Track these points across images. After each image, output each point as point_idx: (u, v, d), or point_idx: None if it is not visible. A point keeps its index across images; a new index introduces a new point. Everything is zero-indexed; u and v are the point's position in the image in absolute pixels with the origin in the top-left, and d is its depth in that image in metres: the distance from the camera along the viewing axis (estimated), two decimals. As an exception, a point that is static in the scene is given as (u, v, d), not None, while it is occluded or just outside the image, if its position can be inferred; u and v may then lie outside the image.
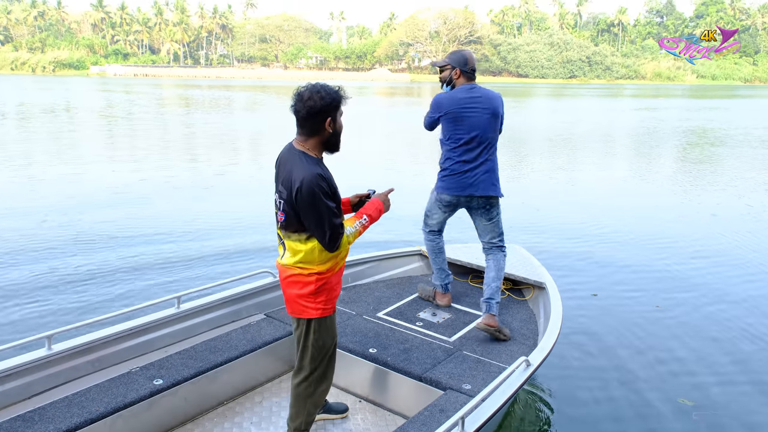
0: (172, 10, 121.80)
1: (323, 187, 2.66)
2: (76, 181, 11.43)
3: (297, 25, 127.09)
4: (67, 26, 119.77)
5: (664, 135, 22.59)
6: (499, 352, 3.74)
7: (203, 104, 35.99)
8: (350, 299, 4.49)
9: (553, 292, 4.28)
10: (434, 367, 3.50)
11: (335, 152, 2.86)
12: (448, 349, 3.76)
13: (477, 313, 4.36)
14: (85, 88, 54.77)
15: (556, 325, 3.76)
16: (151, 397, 3.09)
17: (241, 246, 7.31)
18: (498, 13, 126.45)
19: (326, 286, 2.83)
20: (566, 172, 13.85)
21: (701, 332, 5.21)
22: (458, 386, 3.29)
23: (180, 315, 3.67)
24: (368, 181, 11.83)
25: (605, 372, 4.50)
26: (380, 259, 5.01)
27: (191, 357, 3.44)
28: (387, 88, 67.25)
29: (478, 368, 3.51)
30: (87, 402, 2.94)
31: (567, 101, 46.70)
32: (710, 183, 12.72)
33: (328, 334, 2.93)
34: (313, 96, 2.68)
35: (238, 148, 17.74)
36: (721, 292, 6.20)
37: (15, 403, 2.97)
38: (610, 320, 5.42)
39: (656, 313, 5.59)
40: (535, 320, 4.31)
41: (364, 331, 3.96)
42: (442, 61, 4.13)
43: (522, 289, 4.78)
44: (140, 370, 3.25)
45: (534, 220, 8.98)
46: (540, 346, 3.52)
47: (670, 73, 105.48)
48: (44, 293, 5.71)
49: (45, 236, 7.58)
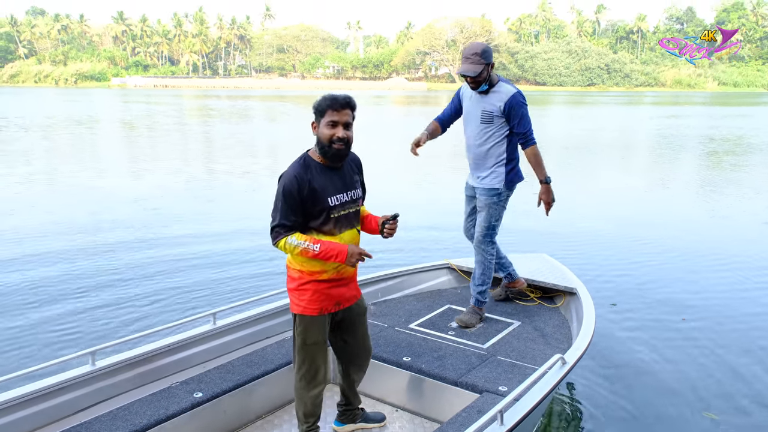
0: (191, 22, 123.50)
1: (291, 187, 2.79)
2: (113, 195, 11.59)
3: (314, 35, 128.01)
4: (89, 39, 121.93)
5: (688, 142, 22.37)
6: (534, 356, 3.76)
7: (235, 114, 36.37)
8: (381, 313, 4.50)
9: (585, 296, 4.29)
10: (469, 372, 3.53)
11: (334, 162, 2.88)
12: (482, 355, 3.78)
13: (509, 321, 4.38)
14: (110, 100, 55.65)
15: (590, 326, 3.77)
16: (192, 409, 3.13)
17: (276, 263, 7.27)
18: (515, 21, 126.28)
19: (310, 286, 2.89)
20: (591, 179, 13.77)
21: (727, 343, 5.16)
22: (494, 389, 3.31)
23: (216, 331, 3.72)
24: (387, 196, 11.87)
25: (633, 380, 4.47)
26: (409, 274, 5.01)
27: (229, 371, 3.48)
28: (404, 97, 67.43)
29: (514, 371, 3.53)
30: (131, 416, 2.98)
31: (587, 109, 46.44)
32: (737, 190, 12.57)
33: (308, 334, 2.95)
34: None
35: (277, 157, 17.83)
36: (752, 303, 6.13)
37: (62, 418, 3.02)
38: (634, 329, 5.39)
39: (682, 325, 5.53)
40: (568, 325, 4.31)
41: (397, 341, 3.97)
42: (477, 66, 3.98)
43: (553, 297, 4.79)
44: (180, 385, 3.30)
45: (555, 229, 8.94)
46: (575, 345, 3.55)
47: (690, 80, 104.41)
48: (85, 305, 5.82)
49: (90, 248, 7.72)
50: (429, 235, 8.61)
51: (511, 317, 4.44)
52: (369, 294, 4.71)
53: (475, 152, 4.27)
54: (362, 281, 4.67)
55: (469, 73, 3.99)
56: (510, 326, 4.28)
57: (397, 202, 10.95)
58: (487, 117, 4.14)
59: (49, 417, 2.99)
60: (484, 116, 4.15)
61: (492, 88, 4.13)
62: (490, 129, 4.15)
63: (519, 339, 4.06)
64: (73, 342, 5.04)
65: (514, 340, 4.03)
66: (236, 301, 3.87)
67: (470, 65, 3.99)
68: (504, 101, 4.06)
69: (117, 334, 5.17)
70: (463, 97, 4.36)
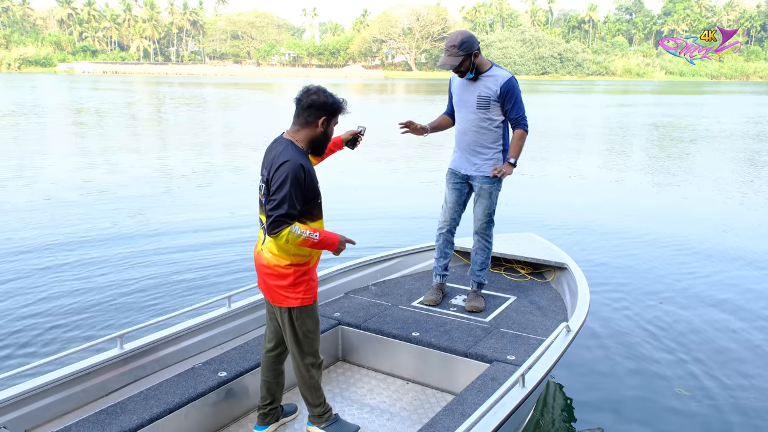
0: (141, 6, 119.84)
1: (300, 176, 2.79)
2: (135, 184, 11.36)
3: (269, 22, 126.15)
4: (32, 23, 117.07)
5: (637, 129, 23.18)
6: (534, 327, 4.01)
7: (222, 103, 35.67)
8: (382, 293, 4.66)
9: (576, 269, 4.57)
10: (476, 344, 3.74)
11: (318, 155, 3.03)
12: (486, 327, 4.00)
13: (505, 296, 4.63)
14: (57, 86, 53.75)
15: (586, 296, 4.05)
16: (219, 387, 3.24)
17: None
18: (470, 9, 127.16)
19: (304, 277, 2.96)
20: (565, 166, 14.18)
21: (704, 329, 5.51)
22: (503, 358, 3.54)
23: (232, 313, 3.83)
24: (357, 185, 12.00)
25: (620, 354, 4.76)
26: (406, 255, 5.19)
27: (247, 351, 3.59)
28: (362, 85, 67.31)
29: (518, 341, 3.77)
30: (161, 395, 3.07)
31: (548, 97, 47.40)
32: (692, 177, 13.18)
33: (311, 319, 3.03)
34: (318, 92, 2.92)
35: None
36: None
37: (95, 399, 3.11)
38: (617, 309, 5.70)
39: (662, 308, 5.83)
40: (560, 298, 4.59)
41: (404, 318, 4.14)
42: (455, 59, 4.00)
43: (543, 273, 5.06)
44: (203, 365, 3.40)
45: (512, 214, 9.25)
46: (576, 314, 3.81)
47: (639, 69, 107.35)
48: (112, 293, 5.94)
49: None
50: (414, 219, 8.81)
51: (506, 293, 4.70)
52: (369, 275, 4.88)
53: (473, 139, 4.24)
54: (362, 263, 4.83)
55: (446, 67, 4.03)
56: (507, 301, 4.52)
57: (371, 188, 11.10)
58: (483, 102, 4.13)
59: (83, 399, 3.08)
60: (480, 101, 4.14)
61: (484, 73, 4.13)
62: (487, 114, 4.15)
63: (518, 312, 4.30)
64: (100, 324, 5.20)
65: (514, 314, 4.27)
66: (249, 284, 3.95)
67: (447, 58, 4.03)
68: (500, 84, 4.08)
69: (139, 317, 5.27)
70: (454, 85, 4.36)
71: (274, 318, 3.11)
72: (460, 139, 4.34)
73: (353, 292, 4.62)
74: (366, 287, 4.74)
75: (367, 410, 3.56)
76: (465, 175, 4.37)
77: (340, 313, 4.19)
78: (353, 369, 4.06)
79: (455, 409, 2.97)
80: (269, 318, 3.17)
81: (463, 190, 4.44)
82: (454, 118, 4.43)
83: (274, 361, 3.19)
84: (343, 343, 4.13)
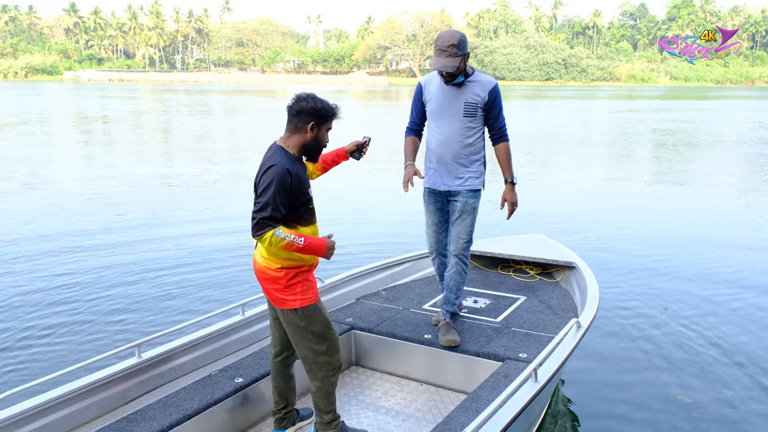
0: (146, 15, 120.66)
1: (286, 180, 2.83)
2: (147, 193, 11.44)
3: (274, 29, 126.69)
4: (39, 31, 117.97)
5: (644, 134, 23.18)
6: (545, 326, 4.05)
7: (232, 110, 35.84)
8: (393, 297, 4.69)
9: (585, 268, 4.62)
10: (488, 343, 3.78)
11: (313, 160, 3.11)
12: (497, 327, 4.04)
13: (515, 296, 4.67)
14: (64, 94, 54.09)
15: (595, 293, 4.10)
16: (236, 393, 3.28)
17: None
18: (474, 16, 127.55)
19: (298, 279, 2.95)
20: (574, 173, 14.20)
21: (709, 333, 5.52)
22: (515, 356, 3.58)
23: (246, 321, 3.87)
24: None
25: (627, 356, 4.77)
26: (415, 259, 5.23)
27: (262, 357, 3.62)
28: (366, 92, 67.53)
29: (530, 340, 3.81)
30: (180, 402, 3.11)
31: (550, 102, 47.45)
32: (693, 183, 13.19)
33: (317, 319, 2.99)
34: (308, 99, 2.98)
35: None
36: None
37: (115, 408, 3.16)
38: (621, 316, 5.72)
39: (666, 315, 5.79)
40: (570, 297, 4.63)
41: (415, 321, 4.18)
42: (454, 60, 3.61)
43: (552, 272, 5.11)
44: (219, 372, 3.44)
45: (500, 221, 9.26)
46: (586, 310, 3.86)
47: (644, 75, 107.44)
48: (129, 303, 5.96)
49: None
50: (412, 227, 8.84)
51: (516, 293, 4.74)
52: (379, 280, 4.92)
53: (458, 150, 3.82)
54: (372, 269, 4.88)
55: (448, 69, 3.60)
56: (517, 301, 4.57)
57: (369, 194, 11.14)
58: (471, 109, 3.75)
59: (104, 407, 3.12)
60: (467, 109, 3.75)
61: (469, 78, 3.77)
62: (474, 122, 3.79)
63: (528, 312, 4.34)
64: (118, 334, 5.21)
65: (524, 313, 4.31)
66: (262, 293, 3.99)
67: (447, 59, 3.60)
68: (488, 90, 3.76)
69: (156, 327, 5.27)
70: (428, 92, 3.90)
71: (278, 323, 3.14)
72: (441, 151, 3.86)
73: (364, 298, 4.65)
74: (377, 292, 4.78)
75: (382, 413, 3.59)
76: (446, 191, 3.93)
77: (352, 318, 4.23)
78: (367, 373, 4.09)
79: (469, 407, 3.01)
80: (273, 324, 3.19)
81: (444, 209, 4.00)
82: (420, 134, 4.05)
83: (282, 366, 3.21)
84: (356, 347, 4.16)
